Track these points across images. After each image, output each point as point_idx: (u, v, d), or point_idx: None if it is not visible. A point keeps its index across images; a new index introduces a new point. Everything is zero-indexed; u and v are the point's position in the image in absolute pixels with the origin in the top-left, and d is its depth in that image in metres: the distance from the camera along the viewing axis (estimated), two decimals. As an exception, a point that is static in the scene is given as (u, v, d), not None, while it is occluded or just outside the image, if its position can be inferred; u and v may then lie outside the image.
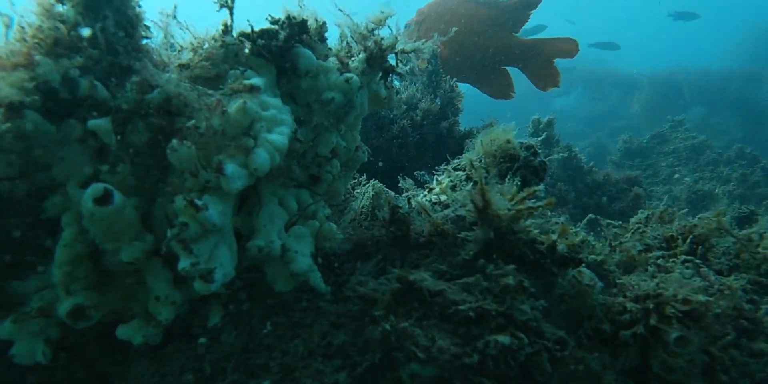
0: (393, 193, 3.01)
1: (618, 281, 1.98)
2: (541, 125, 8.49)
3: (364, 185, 2.96)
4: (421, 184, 3.12)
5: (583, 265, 2.02)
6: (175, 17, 2.13)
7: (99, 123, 1.79)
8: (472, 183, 2.60)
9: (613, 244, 2.22)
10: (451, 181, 2.68)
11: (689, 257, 2.12)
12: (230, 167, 1.82)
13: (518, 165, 2.66)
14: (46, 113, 1.78)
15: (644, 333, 1.76)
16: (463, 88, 6.74)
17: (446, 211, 2.28)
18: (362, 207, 2.72)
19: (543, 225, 2.17)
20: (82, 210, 1.78)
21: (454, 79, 6.30)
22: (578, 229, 2.16)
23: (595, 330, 1.88)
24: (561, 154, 7.62)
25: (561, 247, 2.05)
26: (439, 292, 1.77)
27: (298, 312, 2.00)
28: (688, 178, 9.99)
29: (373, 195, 2.78)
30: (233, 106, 1.86)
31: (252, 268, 2.17)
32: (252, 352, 1.89)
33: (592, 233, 2.55)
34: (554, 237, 2.04)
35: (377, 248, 2.24)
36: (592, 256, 2.09)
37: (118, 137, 1.88)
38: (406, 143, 5.82)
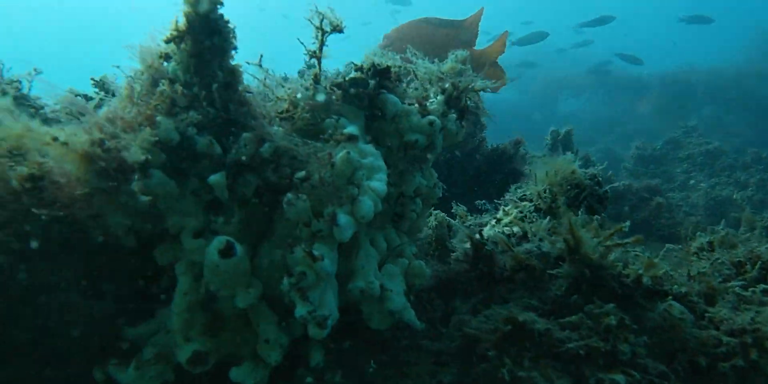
0: (452, 221, 3.10)
1: (707, 314, 2.07)
2: (560, 137, 8.61)
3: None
4: (477, 211, 3.21)
5: (670, 297, 2.11)
6: (260, 65, 2.24)
7: (217, 179, 1.89)
8: (542, 213, 2.69)
9: (691, 274, 2.31)
10: (520, 211, 2.78)
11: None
12: (343, 218, 1.92)
13: (584, 194, 2.75)
14: (167, 170, 1.87)
15: (744, 365, 1.85)
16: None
17: (527, 246, 2.37)
18: (427, 236, 2.82)
19: (623, 256, 2.26)
20: (206, 261, 1.87)
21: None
22: (659, 260, 2.25)
23: (689, 362, 1.97)
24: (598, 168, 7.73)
25: (646, 279, 2.14)
26: (547, 331, 1.86)
27: (400, 350, 2.09)
28: (704, 183, 10.08)
29: (436, 225, 2.88)
30: (338, 158, 1.95)
31: (347, 307, 2.26)
32: (363, 391, 1.98)
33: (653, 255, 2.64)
34: (639, 270, 2.13)
35: (463, 284, 2.33)
36: (676, 287, 2.18)
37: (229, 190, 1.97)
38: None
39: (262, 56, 2.27)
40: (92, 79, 2.77)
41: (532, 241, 2.41)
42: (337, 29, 2.25)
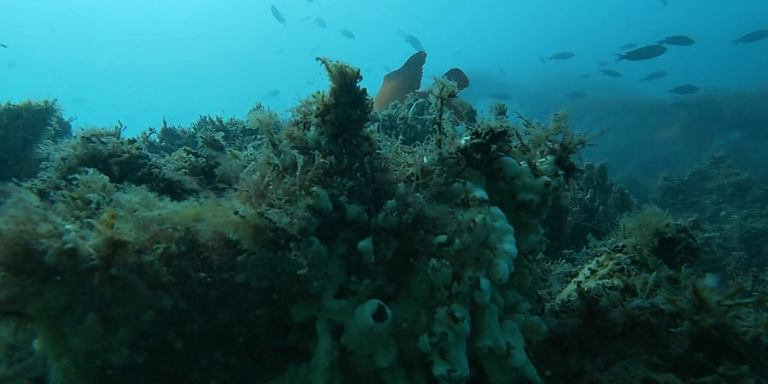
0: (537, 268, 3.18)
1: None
2: (595, 170, 8.69)
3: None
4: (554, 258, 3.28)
5: (790, 356, 2.17)
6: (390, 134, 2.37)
7: (366, 245, 1.99)
8: (639, 266, 2.77)
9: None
10: (617, 263, 2.86)
11: None
12: (485, 282, 2.01)
13: (679, 248, 2.83)
14: (319, 236, 1.98)
15: None
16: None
17: (637, 302, 2.44)
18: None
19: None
20: (357, 324, 1.96)
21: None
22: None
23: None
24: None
25: (764, 338, 2.20)
26: (685, 393, 1.93)
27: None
28: (736, 215, 10.10)
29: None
30: (476, 223, 2.06)
31: (470, 363, 2.33)
32: (500, 450, 2.04)
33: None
34: (760, 329, 2.20)
35: (578, 338, 2.40)
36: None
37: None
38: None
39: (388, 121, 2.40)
40: (203, 138, 2.88)
41: (641, 296, 2.48)
42: (452, 95, 2.39)
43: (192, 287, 2.02)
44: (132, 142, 2.82)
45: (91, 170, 2.12)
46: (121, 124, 2.79)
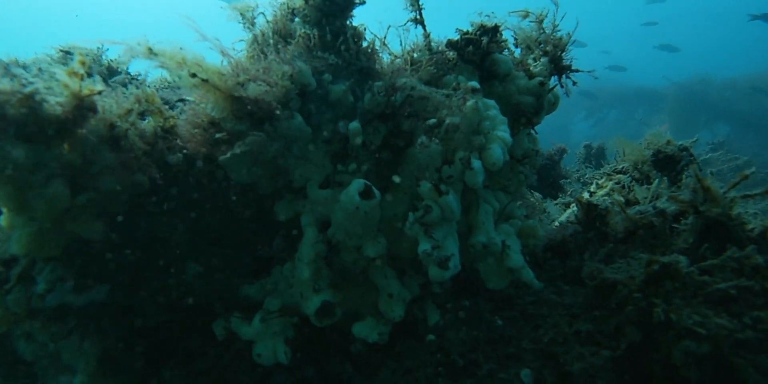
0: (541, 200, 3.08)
1: None
2: (593, 150, 8.62)
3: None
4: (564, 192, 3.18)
5: (800, 250, 2.06)
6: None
7: (355, 126, 1.89)
8: (641, 184, 2.67)
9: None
10: (617, 183, 2.76)
11: None
12: (476, 163, 1.91)
13: (680, 166, 2.73)
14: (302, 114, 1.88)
15: None
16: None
17: (638, 207, 2.34)
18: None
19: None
20: (343, 204, 1.85)
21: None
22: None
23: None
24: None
25: (772, 233, 2.09)
26: (690, 273, 1.81)
27: (528, 305, 2.04)
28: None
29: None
30: (467, 106, 1.96)
31: (463, 267, 2.22)
32: (497, 343, 1.92)
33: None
34: (767, 223, 2.09)
35: (577, 244, 2.29)
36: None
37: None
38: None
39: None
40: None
41: (643, 203, 2.38)
42: None
43: (169, 170, 1.92)
44: (113, 61, 2.74)
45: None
46: (102, 45, 2.70)
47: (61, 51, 2.56)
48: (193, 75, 1.67)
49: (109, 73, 2.59)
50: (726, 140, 11.11)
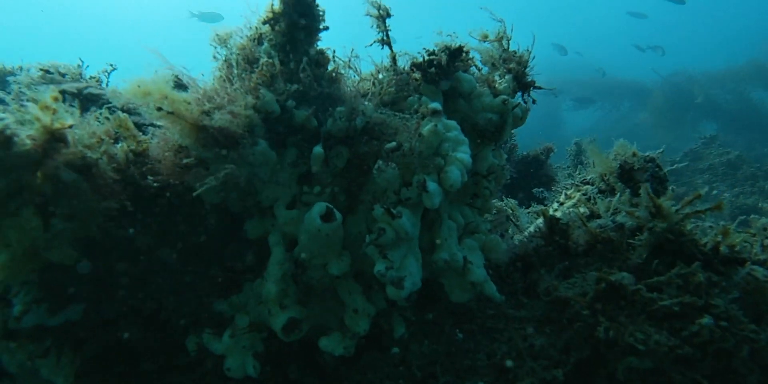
0: (512, 207, 3.16)
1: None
2: (583, 147, 8.69)
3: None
4: (539, 201, 3.26)
5: (749, 263, 2.15)
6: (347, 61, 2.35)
7: (318, 150, 1.97)
8: (606, 195, 2.75)
9: (765, 244, 2.34)
10: (584, 194, 2.84)
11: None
12: (432, 185, 1.99)
13: (647, 176, 2.81)
14: (268, 140, 1.96)
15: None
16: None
17: (600, 221, 2.42)
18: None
19: (698, 227, 2.31)
20: (306, 227, 1.94)
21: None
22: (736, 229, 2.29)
23: (777, 323, 1.99)
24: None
25: (723, 248, 2.18)
26: (638, 291, 1.91)
27: (488, 319, 2.13)
28: (728, 193, 10.07)
29: (495, 212, 2.93)
30: (425, 129, 2.03)
31: (428, 281, 2.31)
32: (455, 357, 2.01)
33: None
34: (718, 238, 2.18)
35: (540, 258, 2.38)
36: (755, 253, 2.22)
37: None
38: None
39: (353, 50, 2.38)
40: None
41: (604, 217, 2.46)
42: (389, 14, 2.35)
43: (141, 194, 2.00)
44: (92, 78, 2.81)
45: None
46: (82, 62, 2.77)
47: (41, 70, 2.63)
48: (159, 108, 1.75)
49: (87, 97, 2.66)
50: (718, 134, 11.15)
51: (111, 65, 2.82)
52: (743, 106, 17.60)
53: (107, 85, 2.89)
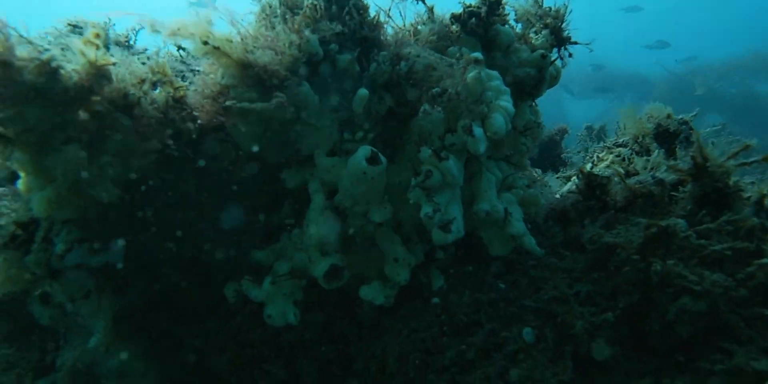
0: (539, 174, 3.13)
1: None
2: (595, 132, 8.65)
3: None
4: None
5: (794, 216, 2.11)
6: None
7: (363, 93, 1.94)
8: (643, 156, 2.72)
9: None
10: (617, 155, 2.81)
11: None
12: (478, 130, 1.96)
13: (679, 139, 2.78)
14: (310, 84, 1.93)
15: None
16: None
17: (638, 177, 2.39)
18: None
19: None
20: (350, 170, 1.91)
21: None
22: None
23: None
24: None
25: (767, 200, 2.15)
26: (687, 237, 1.88)
27: (530, 269, 2.10)
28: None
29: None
30: (469, 75, 2.00)
31: (467, 234, 2.27)
32: (498, 305, 1.99)
33: None
34: (763, 191, 2.14)
35: (578, 213, 2.35)
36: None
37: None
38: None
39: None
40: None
41: (642, 173, 2.43)
42: None
43: (180, 139, 1.98)
44: (120, 35, 2.78)
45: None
46: (110, 20, 2.74)
47: (70, 25, 2.59)
48: (205, 42, 1.72)
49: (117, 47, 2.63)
50: (727, 122, 11.07)
51: (140, 24, 2.79)
52: (748, 98, 17.47)
53: (135, 42, 2.86)
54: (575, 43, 2.49)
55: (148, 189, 1.91)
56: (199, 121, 2.00)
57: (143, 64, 1.95)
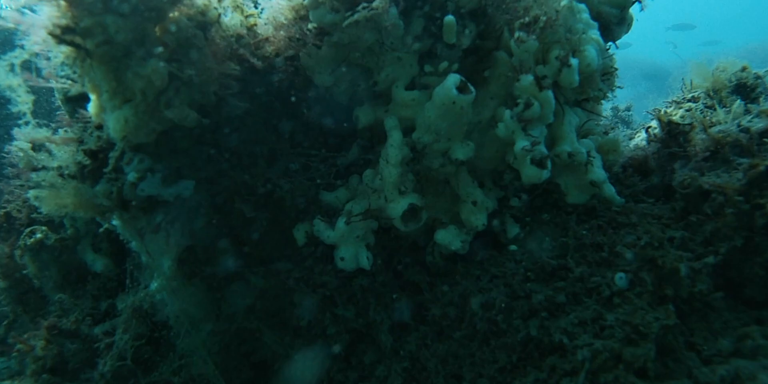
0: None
1: None
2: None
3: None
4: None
5: None
6: None
7: (450, 18, 1.81)
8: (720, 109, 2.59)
9: None
10: (686, 110, 2.68)
11: None
12: (574, 61, 1.84)
13: (755, 94, 2.65)
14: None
15: None
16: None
17: (720, 127, 2.27)
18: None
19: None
20: (439, 100, 1.79)
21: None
22: None
23: None
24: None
25: None
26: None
27: (616, 215, 1.99)
28: None
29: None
30: (562, 4, 1.88)
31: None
32: (585, 250, 1.88)
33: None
34: None
35: (659, 161, 2.23)
36: None
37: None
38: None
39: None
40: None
41: (723, 124, 2.30)
42: None
43: (253, 69, 1.86)
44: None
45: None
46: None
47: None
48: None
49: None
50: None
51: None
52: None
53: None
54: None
55: (221, 117, 1.80)
56: (270, 49, 1.88)
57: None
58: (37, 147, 2.55)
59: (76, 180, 1.79)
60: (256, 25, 1.96)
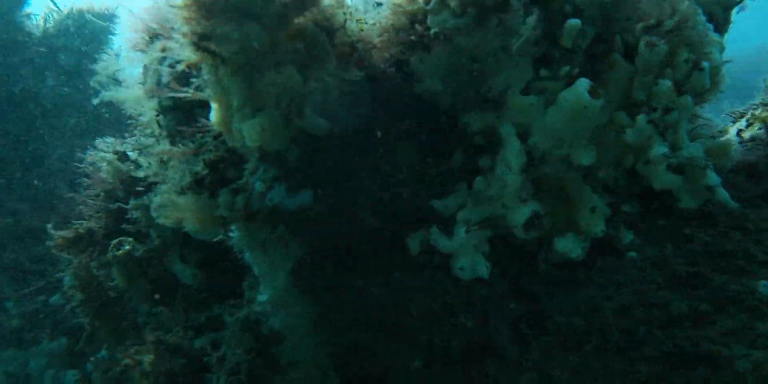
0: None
1: None
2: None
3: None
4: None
5: None
6: None
7: (574, 21, 1.76)
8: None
9: None
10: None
11: None
12: (706, 63, 1.78)
13: None
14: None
15: None
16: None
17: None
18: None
19: None
20: (568, 105, 1.74)
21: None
22: None
23: None
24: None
25: None
26: None
27: (744, 221, 1.92)
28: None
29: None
30: (684, 5, 1.83)
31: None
32: (717, 258, 1.81)
33: None
34: None
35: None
36: None
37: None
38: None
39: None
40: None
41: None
42: None
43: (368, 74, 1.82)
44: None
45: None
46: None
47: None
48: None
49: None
50: None
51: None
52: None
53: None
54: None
55: (341, 126, 1.75)
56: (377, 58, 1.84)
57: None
58: (121, 158, 2.52)
59: (191, 192, 1.75)
60: (363, 30, 1.92)
